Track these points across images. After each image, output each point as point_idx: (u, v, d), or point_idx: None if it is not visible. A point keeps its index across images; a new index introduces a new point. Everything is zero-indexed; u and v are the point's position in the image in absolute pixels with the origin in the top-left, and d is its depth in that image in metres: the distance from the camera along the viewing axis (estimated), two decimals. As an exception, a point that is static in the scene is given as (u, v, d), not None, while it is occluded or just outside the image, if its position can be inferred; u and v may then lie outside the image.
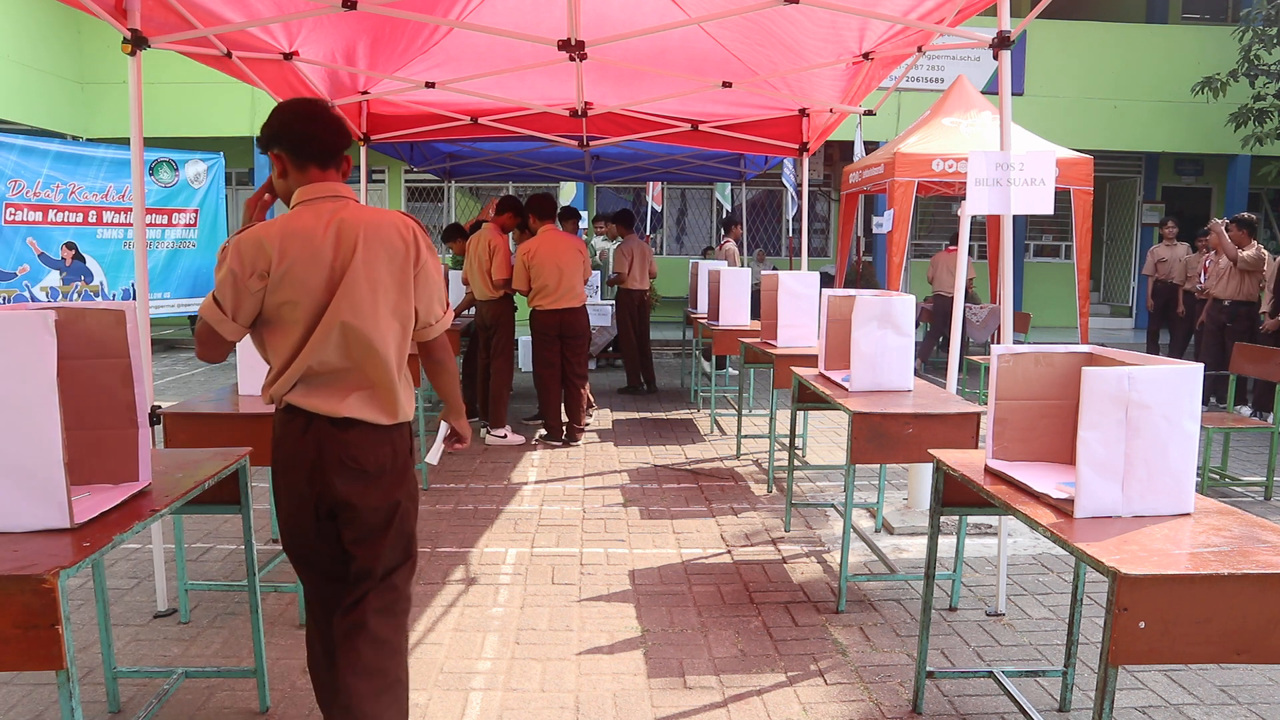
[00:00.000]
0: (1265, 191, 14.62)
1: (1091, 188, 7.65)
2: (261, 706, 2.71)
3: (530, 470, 5.60)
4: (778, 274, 5.46)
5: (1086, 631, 3.32)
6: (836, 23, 4.24)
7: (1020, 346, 2.42)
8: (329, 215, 2.08)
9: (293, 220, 2.07)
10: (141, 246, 3.39)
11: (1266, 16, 11.34)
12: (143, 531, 3.27)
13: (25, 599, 1.62)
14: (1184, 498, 2.07)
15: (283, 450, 2.11)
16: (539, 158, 8.77)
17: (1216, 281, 7.46)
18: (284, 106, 2.18)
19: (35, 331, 1.81)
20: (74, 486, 2.01)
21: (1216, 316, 7.43)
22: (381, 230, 2.11)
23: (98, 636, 3.00)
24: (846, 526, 3.46)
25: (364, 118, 6.14)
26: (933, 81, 12.38)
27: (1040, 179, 3.42)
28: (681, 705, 2.77)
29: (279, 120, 2.14)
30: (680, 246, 15.31)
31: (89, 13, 3.12)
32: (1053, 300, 14.56)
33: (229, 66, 4.18)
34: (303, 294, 2.03)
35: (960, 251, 3.89)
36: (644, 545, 4.24)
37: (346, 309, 2.05)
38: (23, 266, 9.04)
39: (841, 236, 9.33)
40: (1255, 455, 6.34)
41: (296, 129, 2.12)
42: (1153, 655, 1.72)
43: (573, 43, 4.11)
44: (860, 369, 3.70)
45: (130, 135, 3.31)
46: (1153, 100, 13.17)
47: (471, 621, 3.37)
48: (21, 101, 11.03)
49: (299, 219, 2.07)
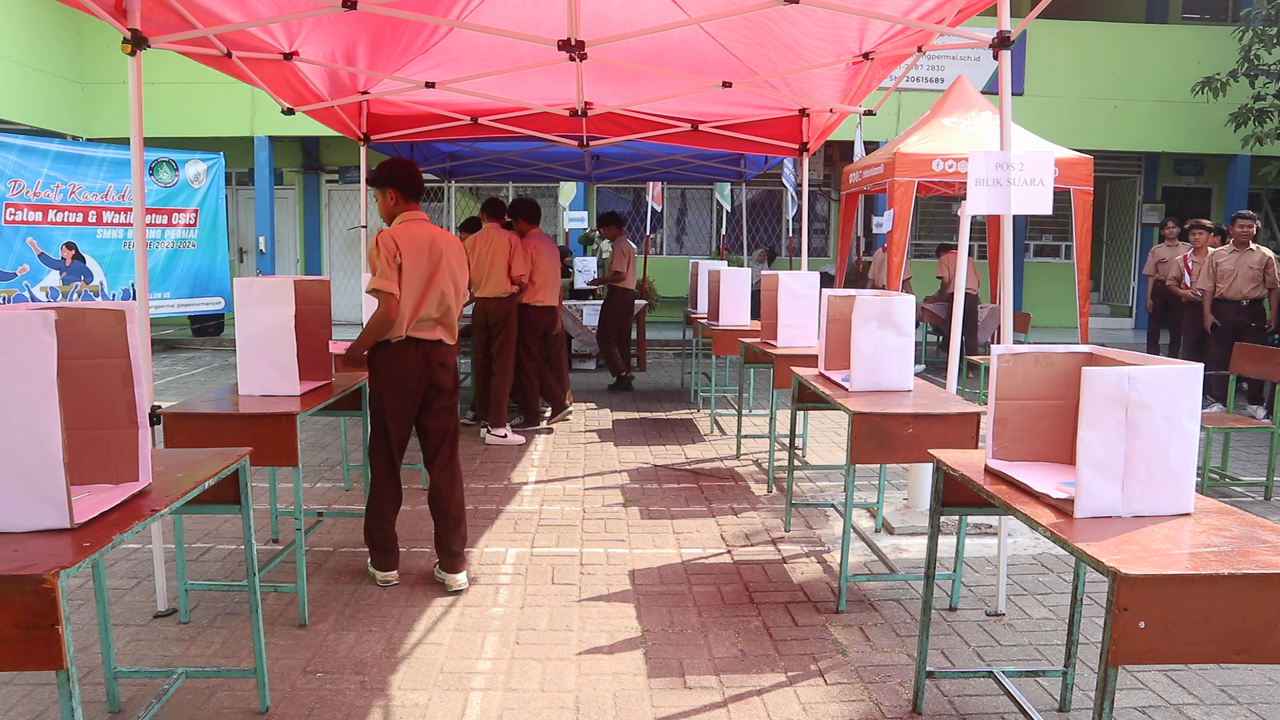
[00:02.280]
0: (1265, 191, 14.63)
1: (1091, 188, 7.65)
2: (261, 706, 2.71)
3: (530, 470, 5.60)
4: (778, 274, 5.47)
5: (1086, 631, 3.32)
6: (836, 23, 4.24)
7: (1020, 346, 2.42)
8: (423, 230, 3.60)
9: (404, 229, 3.56)
10: (141, 246, 3.38)
11: (1266, 16, 11.34)
12: (143, 531, 3.27)
13: (25, 599, 1.62)
14: (1184, 498, 2.07)
15: (402, 362, 3.57)
16: (539, 158, 8.77)
17: (1229, 283, 7.40)
18: (397, 162, 3.69)
19: (35, 331, 1.81)
20: (74, 486, 2.01)
21: (1234, 318, 7.38)
22: (451, 243, 3.70)
23: (98, 636, 3.00)
24: (846, 526, 3.47)
25: (364, 118, 6.14)
26: (933, 81, 12.38)
27: (1039, 179, 3.42)
28: (681, 705, 2.77)
29: (394, 169, 3.63)
30: (680, 246, 15.32)
31: (89, 13, 3.11)
32: (1053, 300, 14.56)
33: (229, 66, 4.18)
34: (414, 275, 3.53)
35: (960, 251, 3.89)
36: (644, 545, 4.24)
37: (441, 284, 3.61)
38: (23, 266, 9.04)
39: (841, 236, 9.34)
40: (1255, 455, 6.34)
41: (406, 177, 3.63)
42: (1153, 655, 1.72)
43: (573, 43, 4.11)
44: (860, 369, 3.70)
45: (130, 135, 3.31)
46: (1153, 100, 13.17)
47: (471, 621, 3.37)
48: (21, 101, 11.03)
49: (407, 230, 3.56)
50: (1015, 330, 5.88)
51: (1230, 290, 7.31)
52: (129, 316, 2.18)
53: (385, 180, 3.59)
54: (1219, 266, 7.39)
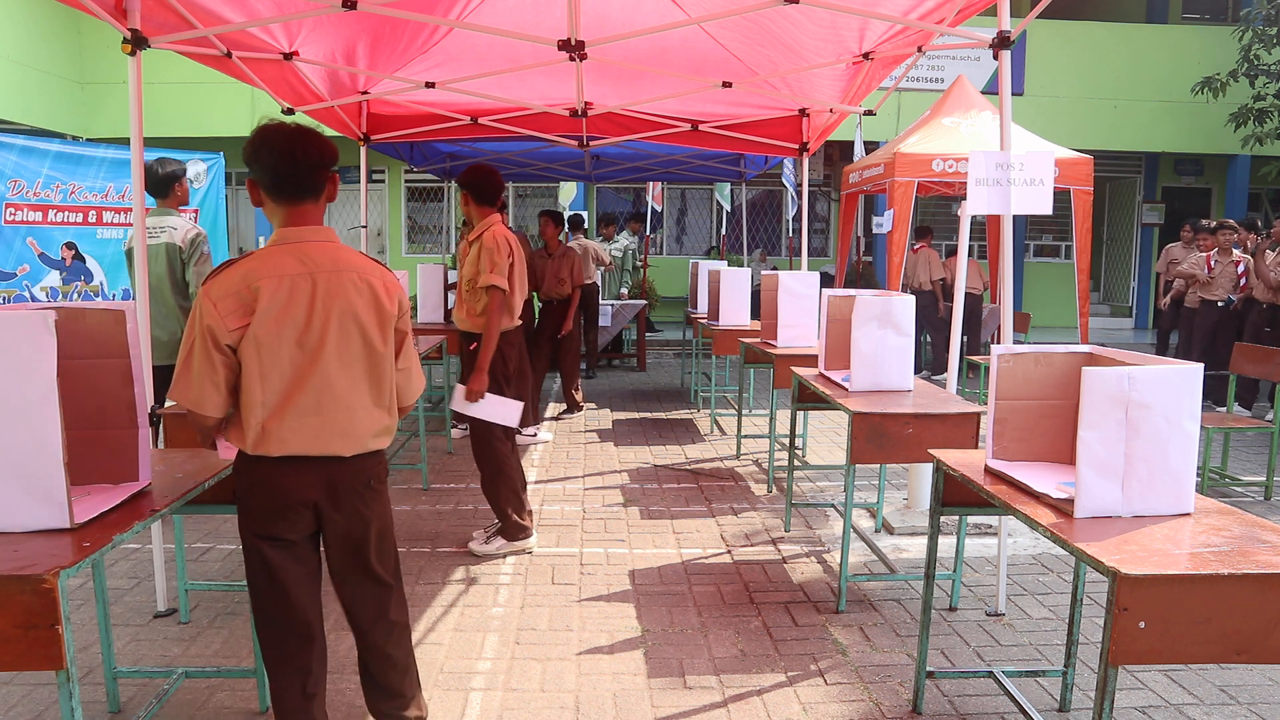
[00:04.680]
0: (1265, 191, 14.63)
1: (1091, 188, 7.63)
2: (261, 706, 2.71)
3: (530, 470, 5.60)
4: (778, 274, 5.46)
5: (1086, 631, 3.32)
6: (836, 23, 4.24)
7: (1020, 346, 2.42)
8: None
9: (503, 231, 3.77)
10: (141, 246, 3.39)
11: (1266, 16, 11.34)
12: (143, 531, 3.27)
13: (25, 599, 1.62)
14: (1184, 498, 2.07)
15: None
16: (539, 158, 8.77)
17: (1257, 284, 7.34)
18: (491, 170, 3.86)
19: (35, 331, 1.81)
20: (74, 486, 2.01)
21: (1256, 320, 7.34)
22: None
23: (98, 636, 3.00)
24: (846, 526, 3.46)
25: (364, 118, 6.14)
26: (933, 81, 12.38)
27: (1039, 179, 3.42)
28: (681, 705, 2.77)
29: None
30: (680, 246, 15.31)
31: (89, 13, 3.11)
32: (1053, 300, 14.56)
33: (229, 66, 4.18)
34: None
35: (960, 251, 3.89)
36: (644, 545, 4.24)
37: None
38: (23, 266, 9.03)
39: (841, 236, 9.33)
40: (1255, 455, 6.34)
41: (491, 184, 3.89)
42: (1153, 655, 1.72)
43: (573, 43, 4.11)
44: (860, 369, 3.70)
45: (130, 135, 3.31)
46: (1153, 100, 13.16)
47: (471, 621, 3.37)
48: (21, 101, 11.03)
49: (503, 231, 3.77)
50: (1015, 330, 5.88)
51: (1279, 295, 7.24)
52: (129, 316, 2.18)
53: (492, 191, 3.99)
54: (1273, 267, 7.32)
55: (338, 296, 2.04)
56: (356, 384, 2.08)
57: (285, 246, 2.04)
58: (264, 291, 1.96)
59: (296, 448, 2.02)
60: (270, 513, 2.06)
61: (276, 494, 2.04)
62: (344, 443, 2.07)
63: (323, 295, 2.02)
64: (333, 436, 2.05)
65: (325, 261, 2.05)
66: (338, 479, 2.09)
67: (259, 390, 1.98)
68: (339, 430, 2.06)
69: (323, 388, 2.03)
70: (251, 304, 1.95)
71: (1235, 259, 7.72)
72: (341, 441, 2.07)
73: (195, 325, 1.96)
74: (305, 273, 2.02)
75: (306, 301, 2.00)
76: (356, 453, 2.09)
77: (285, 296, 1.98)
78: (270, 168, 2.02)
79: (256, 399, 1.98)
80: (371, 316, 2.08)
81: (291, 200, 2.06)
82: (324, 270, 2.04)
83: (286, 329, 1.98)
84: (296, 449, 2.02)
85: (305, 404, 2.01)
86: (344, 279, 2.06)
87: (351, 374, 2.07)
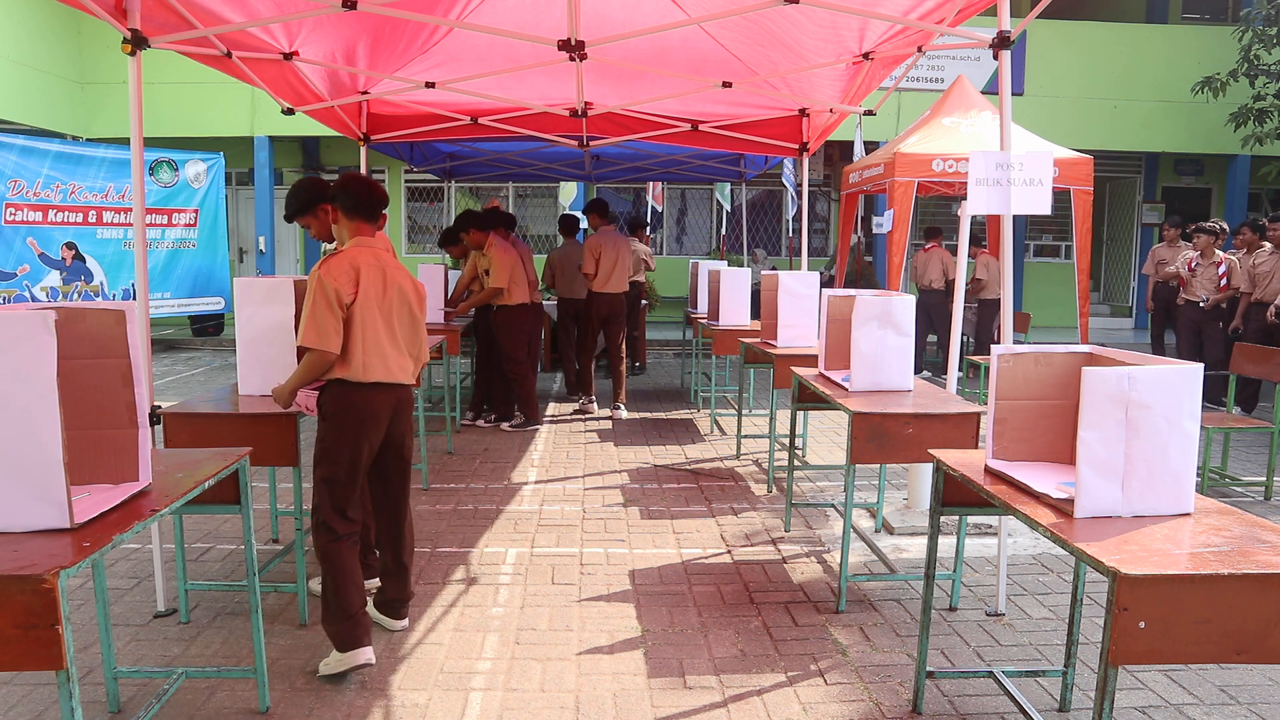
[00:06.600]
0: (1265, 191, 14.63)
1: (1091, 188, 7.64)
2: (261, 706, 2.71)
3: (530, 470, 5.60)
4: (778, 274, 5.46)
5: (1086, 631, 3.32)
6: (836, 23, 4.24)
7: (1020, 346, 2.42)
8: None
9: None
10: (141, 246, 3.39)
11: (1266, 16, 11.34)
12: (143, 531, 3.27)
13: (25, 599, 1.62)
14: (1184, 498, 2.07)
15: None
16: (539, 158, 8.78)
17: (1266, 285, 7.32)
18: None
19: (35, 331, 1.81)
20: (74, 486, 2.01)
21: (1261, 321, 7.33)
22: None
23: (98, 636, 3.00)
24: (846, 526, 3.46)
25: (364, 118, 6.14)
26: (933, 81, 12.38)
27: (1039, 179, 3.42)
28: (681, 705, 2.77)
29: None
30: (680, 246, 15.31)
31: (89, 13, 3.11)
32: (1053, 300, 14.56)
33: (229, 66, 4.18)
34: None
35: (960, 251, 3.89)
36: (644, 545, 4.24)
37: None
38: (23, 266, 9.03)
39: (841, 236, 9.33)
40: (1255, 455, 6.34)
41: None
42: (1153, 655, 1.72)
43: (573, 43, 4.11)
44: (860, 369, 3.70)
45: (130, 135, 3.31)
46: (1153, 100, 13.17)
47: (471, 621, 3.37)
48: (21, 101, 11.03)
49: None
50: (1015, 330, 5.88)
51: (1267, 292, 7.23)
52: (129, 316, 2.18)
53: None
54: (1258, 268, 7.32)
55: (397, 281, 3.02)
56: (407, 338, 3.08)
57: (362, 248, 2.98)
58: (363, 272, 2.90)
59: (382, 376, 2.96)
60: (364, 419, 2.95)
61: (369, 405, 2.95)
62: (404, 376, 3.05)
63: (390, 279, 2.99)
64: (398, 371, 3.01)
65: (387, 258, 3.04)
66: (401, 398, 3.07)
67: (360, 337, 2.90)
68: (400, 367, 3.03)
69: (391, 339, 3.00)
70: (356, 279, 2.88)
71: (1216, 260, 7.75)
72: (402, 374, 3.04)
73: (320, 292, 2.81)
74: (379, 264, 2.97)
75: (382, 282, 2.96)
76: (408, 383, 3.08)
77: (372, 277, 2.93)
78: (354, 195, 3.00)
79: (358, 344, 2.90)
80: (413, 296, 3.10)
81: (365, 220, 3.02)
82: (389, 264, 3.02)
83: (373, 299, 2.93)
84: (382, 377, 2.95)
85: (385, 348, 2.97)
86: (399, 270, 3.05)
87: (404, 330, 3.06)
